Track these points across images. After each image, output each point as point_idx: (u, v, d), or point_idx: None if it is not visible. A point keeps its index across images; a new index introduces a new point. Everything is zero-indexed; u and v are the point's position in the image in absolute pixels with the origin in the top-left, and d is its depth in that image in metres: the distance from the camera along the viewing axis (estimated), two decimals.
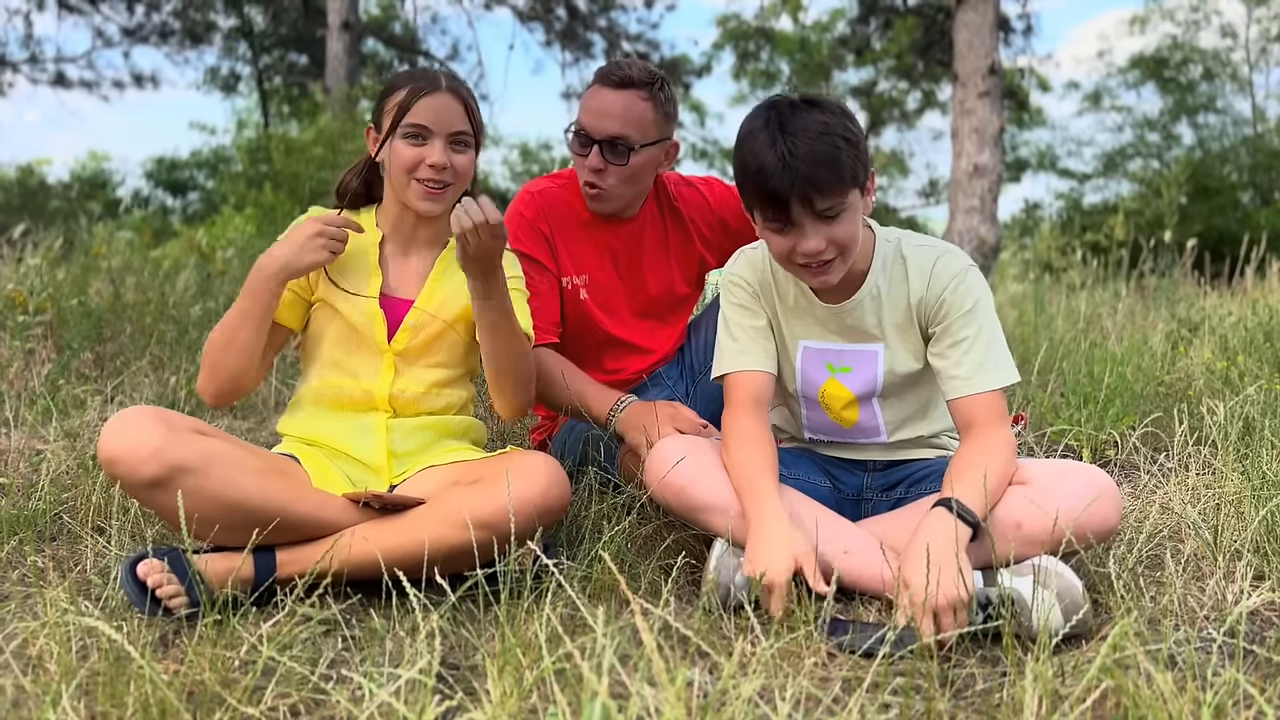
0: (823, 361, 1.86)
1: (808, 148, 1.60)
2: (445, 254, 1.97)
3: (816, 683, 1.41)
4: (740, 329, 1.87)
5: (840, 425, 1.91)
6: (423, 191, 1.87)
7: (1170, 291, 5.17)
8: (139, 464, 1.57)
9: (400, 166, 1.86)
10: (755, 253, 1.90)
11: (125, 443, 1.58)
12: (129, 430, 1.59)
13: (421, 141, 1.86)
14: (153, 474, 1.57)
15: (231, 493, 1.62)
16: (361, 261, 1.93)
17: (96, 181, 21.47)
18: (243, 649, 1.46)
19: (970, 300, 1.75)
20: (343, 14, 12.10)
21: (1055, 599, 1.51)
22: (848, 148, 1.62)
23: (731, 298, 1.89)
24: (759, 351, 1.85)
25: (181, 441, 1.60)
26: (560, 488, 1.71)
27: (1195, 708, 1.24)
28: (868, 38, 18.48)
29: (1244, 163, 17.83)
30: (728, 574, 1.67)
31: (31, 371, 3.20)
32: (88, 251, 4.75)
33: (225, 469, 1.62)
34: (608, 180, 2.21)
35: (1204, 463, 2.47)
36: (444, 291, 1.93)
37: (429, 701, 1.18)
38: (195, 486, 1.58)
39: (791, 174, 1.59)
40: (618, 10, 17.70)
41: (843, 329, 1.83)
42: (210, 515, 1.62)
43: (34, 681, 1.36)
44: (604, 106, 2.19)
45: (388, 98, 1.89)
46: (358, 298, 1.89)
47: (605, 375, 2.34)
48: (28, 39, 17.90)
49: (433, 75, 1.91)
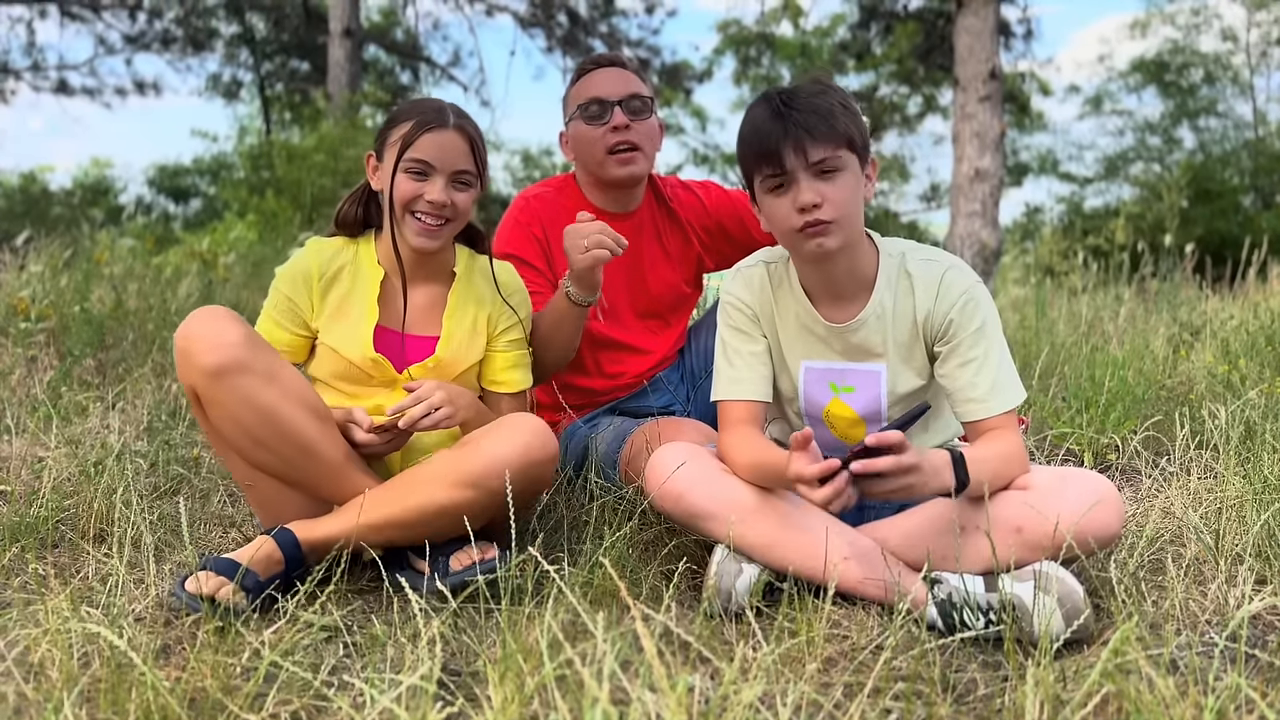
0: (825, 381, 1.84)
1: (804, 103, 1.65)
2: (455, 292, 1.96)
3: (818, 688, 1.41)
4: (737, 355, 1.85)
5: (847, 444, 1.89)
6: (419, 227, 1.85)
7: (1171, 295, 5.17)
8: (215, 348, 1.65)
9: (399, 200, 1.84)
10: (753, 271, 1.87)
11: (208, 331, 1.67)
12: (216, 318, 1.69)
13: (423, 177, 1.83)
14: (221, 361, 1.65)
15: (280, 409, 1.69)
16: (362, 294, 1.91)
17: (99, 188, 21.51)
18: (244, 655, 1.46)
19: (979, 318, 1.73)
20: (344, 20, 12.13)
21: (1056, 604, 1.50)
22: (843, 111, 1.66)
23: (729, 320, 1.87)
24: (755, 379, 1.84)
25: (257, 345, 1.70)
26: (543, 444, 1.74)
27: (1197, 712, 1.24)
28: (868, 43, 18.48)
29: (1245, 166, 17.83)
30: (729, 579, 1.67)
31: (33, 378, 3.20)
32: (90, 258, 4.76)
33: (282, 387, 1.70)
34: (635, 136, 2.27)
35: (1205, 467, 2.46)
36: (460, 335, 1.94)
37: (430, 708, 1.18)
38: (251, 392, 1.66)
39: (784, 121, 1.64)
40: (618, 16, 17.75)
41: (846, 348, 1.81)
42: (248, 424, 1.68)
43: (35, 689, 1.36)
44: (610, 76, 2.30)
45: (392, 128, 1.86)
46: (356, 339, 1.87)
47: (605, 380, 2.35)
48: (30, 47, 17.97)
49: (440, 109, 1.87)
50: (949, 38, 9.00)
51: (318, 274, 1.89)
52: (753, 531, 1.69)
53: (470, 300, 1.96)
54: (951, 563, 1.62)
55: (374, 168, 1.91)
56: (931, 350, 1.78)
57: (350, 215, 1.95)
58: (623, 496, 2.03)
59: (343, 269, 1.91)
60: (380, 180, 1.89)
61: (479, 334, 1.96)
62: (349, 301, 1.89)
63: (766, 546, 1.68)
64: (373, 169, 1.91)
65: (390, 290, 1.92)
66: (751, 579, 1.68)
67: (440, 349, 1.91)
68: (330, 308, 1.89)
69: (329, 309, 1.89)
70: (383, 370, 1.88)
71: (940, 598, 1.60)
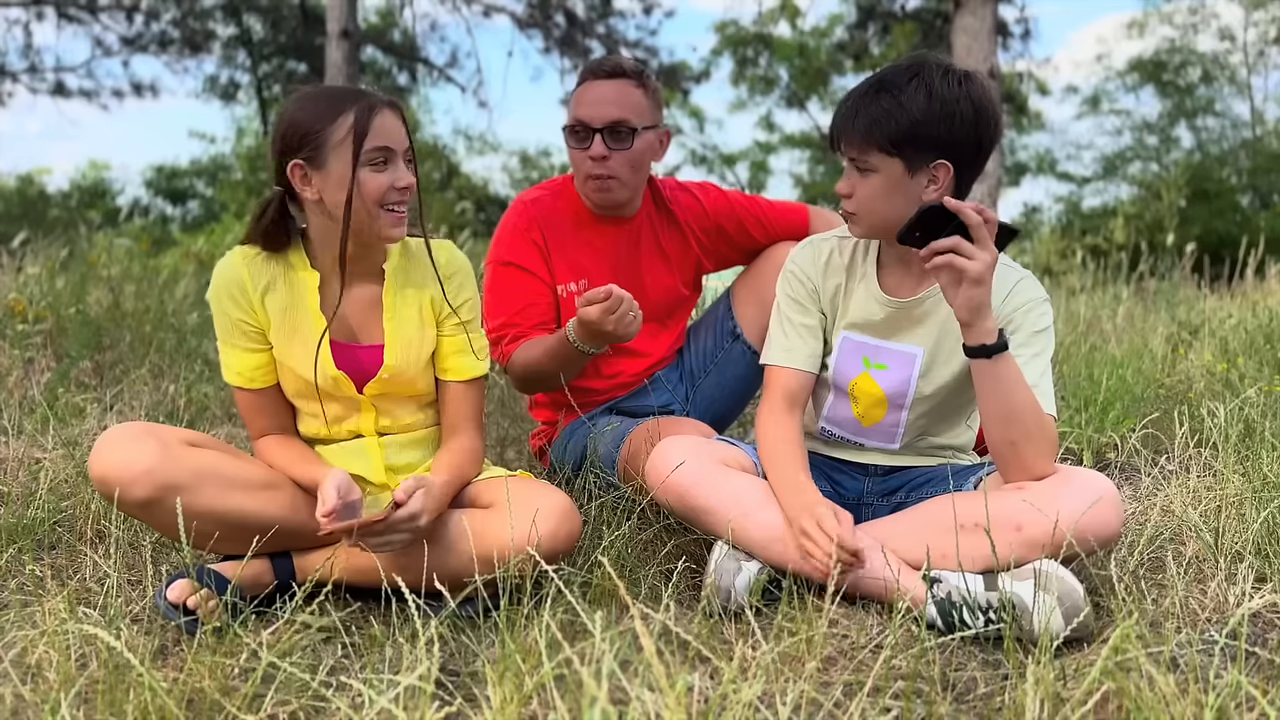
0: (860, 355, 1.86)
1: (870, 100, 1.67)
2: (387, 288, 1.81)
3: (817, 687, 1.40)
4: (791, 324, 1.88)
5: (859, 422, 1.90)
6: (394, 218, 1.71)
7: (1170, 294, 5.17)
8: (130, 483, 1.56)
9: (371, 198, 1.67)
10: (825, 245, 1.90)
11: (116, 462, 1.56)
12: (120, 449, 1.57)
13: (385, 165, 1.69)
14: (145, 494, 1.56)
15: (225, 507, 1.62)
16: (302, 309, 1.77)
17: (96, 190, 21.53)
18: (242, 656, 1.46)
19: (1040, 324, 1.76)
20: (342, 22, 12.11)
21: (1056, 602, 1.50)
22: (909, 124, 1.65)
23: (788, 289, 1.90)
24: (806, 351, 1.87)
25: (173, 459, 1.59)
26: (570, 529, 1.68)
27: (1197, 710, 1.24)
28: (866, 43, 18.51)
29: (1243, 165, 17.87)
30: (728, 578, 1.66)
31: (31, 380, 3.19)
32: (87, 260, 4.75)
33: (217, 485, 1.62)
34: (613, 167, 2.23)
35: (1205, 465, 2.46)
36: (405, 335, 1.81)
37: (428, 708, 1.18)
38: (188, 503, 1.57)
39: (840, 111, 1.71)
40: (616, 17, 17.74)
41: (893, 326, 1.83)
42: (206, 529, 1.62)
43: (33, 690, 1.36)
44: (600, 96, 2.23)
45: (322, 129, 1.66)
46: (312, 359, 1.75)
47: (603, 380, 2.34)
48: (27, 49, 17.97)
49: (360, 91, 1.72)
50: (947, 37, 9.00)
51: (251, 283, 1.75)
52: (754, 526, 1.69)
53: (408, 293, 1.82)
54: (951, 561, 1.62)
55: (304, 176, 1.68)
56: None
57: (277, 230, 1.76)
58: (621, 496, 2.02)
59: (275, 279, 1.77)
60: (322, 187, 1.68)
61: (427, 324, 1.84)
62: (294, 314, 1.76)
63: (767, 543, 1.68)
64: (303, 178, 1.68)
65: (329, 299, 1.78)
66: (751, 577, 1.67)
67: (388, 358, 1.78)
68: (275, 319, 1.76)
69: (274, 321, 1.76)
70: (341, 387, 1.79)
71: (940, 596, 1.59)
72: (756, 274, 2.40)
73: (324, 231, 1.75)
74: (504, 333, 2.20)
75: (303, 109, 1.68)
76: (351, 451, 1.83)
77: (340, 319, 1.78)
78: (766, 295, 2.35)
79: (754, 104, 23.96)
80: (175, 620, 1.58)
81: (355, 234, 1.72)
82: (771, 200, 2.46)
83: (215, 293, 1.76)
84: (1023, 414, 1.63)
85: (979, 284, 1.56)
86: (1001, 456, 1.66)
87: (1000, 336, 1.61)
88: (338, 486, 1.61)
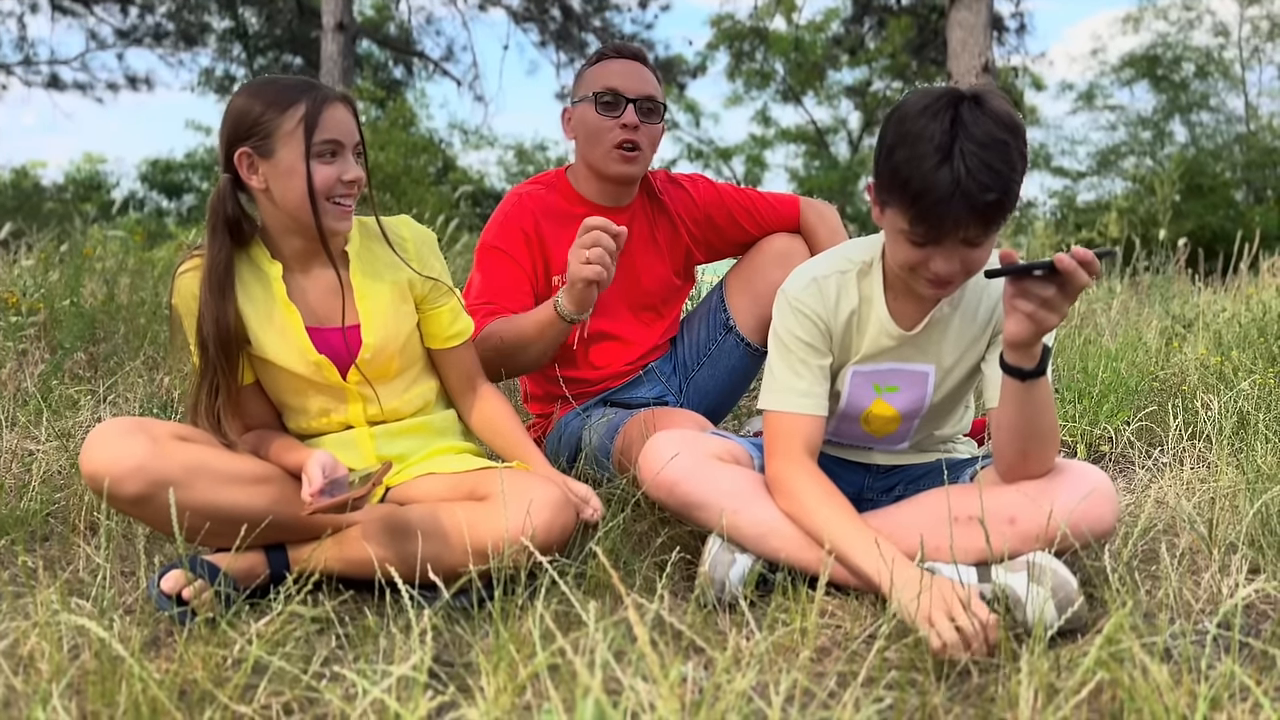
0: (870, 384, 1.81)
1: (984, 178, 1.45)
2: (353, 270, 1.80)
3: (811, 677, 1.40)
4: (806, 366, 1.76)
5: (870, 436, 1.89)
6: (341, 211, 1.71)
7: (1164, 288, 5.18)
8: (121, 480, 1.55)
9: (322, 190, 1.67)
10: (829, 283, 1.76)
11: (107, 459, 1.56)
12: (110, 446, 1.57)
13: (334, 157, 1.69)
14: (136, 490, 1.56)
15: (217, 502, 1.62)
16: (271, 301, 1.76)
17: (91, 184, 21.47)
18: (235, 647, 1.45)
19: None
20: (337, 15, 12.08)
21: (1049, 594, 1.50)
22: (1017, 180, 1.50)
23: (799, 330, 1.77)
24: (821, 393, 1.77)
25: (164, 454, 1.58)
26: (564, 521, 1.66)
27: (1191, 700, 1.24)
28: (861, 37, 18.52)
29: (1237, 160, 17.90)
30: (722, 569, 1.66)
31: (24, 372, 3.18)
32: (82, 253, 4.73)
33: (209, 479, 1.62)
34: (641, 136, 2.26)
35: (1198, 457, 2.47)
36: (381, 312, 1.81)
37: (421, 698, 1.18)
38: (180, 498, 1.56)
39: (956, 202, 1.46)
40: (612, 11, 17.73)
41: (905, 352, 1.77)
42: (198, 523, 1.62)
43: (25, 681, 1.36)
44: (631, 70, 2.28)
45: (270, 119, 1.66)
46: (291, 346, 1.76)
47: (593, 371, 2.34)
48: (21, 41, 17.91)
49: (312, 83, 1.71)
50: (942, 32, 9.00)
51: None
52: (746, 521, 1.69)
53: (378, 272, 1.82)
54: (946, 553, 1.62)
55: (251, 164, 1.68)
56: (994, 339, 1.75)
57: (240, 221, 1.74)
58: (616, 487, 2.02)
59: (240, 276, 1.76)
60: (269, 176, 1.68)
61: (405, 301, 1.84)
62: (265, 307, 1.76)
63: (760, 536, 1.68)
64: (250, 166, 1.68)
65: (295, 288, 1.78)
66: (745, 569, 1.67)
67: (367, 336, 1.79)
68: (247, 315, 1.75)
69: (247, 318, 1.75)
70: (325, 373, 1.78)
71: None
72: (749, 266, 2.40)
73: (276, 222, 1.75)
74: (480, 309, 2.19)
75: (254, 98, 1.68)
76: (342, 442, 1.83)
77: (310, 306, 1.79)
78: (759, 287, 2.36)
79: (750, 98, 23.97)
80: (168, 611, 1.58)
81: (302, 225, 1.72)
82: (763, 192, 2.46)
83: (184, 302, 1.75)
84: (1043, 435, 1.61)
85: (1048, 330, 1.53)
86: (1006, 459, 1.65)
87: (1041, 361, 1.56)
88: (322, 466, 1.62)
